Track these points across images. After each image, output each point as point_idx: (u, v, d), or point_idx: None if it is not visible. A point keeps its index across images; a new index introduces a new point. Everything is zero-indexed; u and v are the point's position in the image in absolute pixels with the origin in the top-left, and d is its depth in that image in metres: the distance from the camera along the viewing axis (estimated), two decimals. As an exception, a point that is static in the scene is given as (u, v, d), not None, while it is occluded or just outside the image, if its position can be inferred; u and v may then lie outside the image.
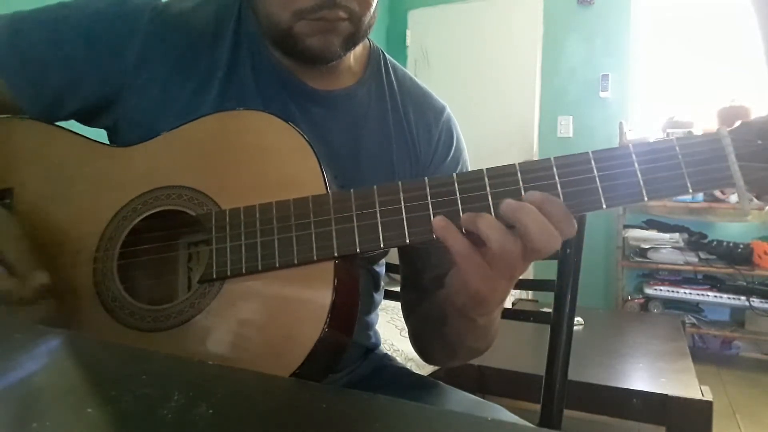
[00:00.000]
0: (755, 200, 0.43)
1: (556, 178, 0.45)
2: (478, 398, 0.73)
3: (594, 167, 0.44)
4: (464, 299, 0.50)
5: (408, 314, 0.74)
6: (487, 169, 0.46)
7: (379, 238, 0.47)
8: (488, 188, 0.45)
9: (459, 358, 0.66)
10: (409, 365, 1.67)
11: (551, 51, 3.26)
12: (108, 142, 0.66)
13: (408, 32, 3.61)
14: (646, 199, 0.43)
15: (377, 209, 0.47)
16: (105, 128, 0.66)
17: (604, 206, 0.44)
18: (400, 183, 0.48)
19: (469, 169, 0.75)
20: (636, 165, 0.44)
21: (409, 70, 0.76)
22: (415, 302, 0.71)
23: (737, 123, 0.44)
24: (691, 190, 0.43)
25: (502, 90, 3.36)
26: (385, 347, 0.82)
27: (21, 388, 0.32)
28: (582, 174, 0.44)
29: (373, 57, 0.72)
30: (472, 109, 3.16)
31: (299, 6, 0.56)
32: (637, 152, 0.44)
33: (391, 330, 1.81)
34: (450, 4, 3.48)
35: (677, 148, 0.44)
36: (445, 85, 3.25)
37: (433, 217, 0.46)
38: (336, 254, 0.47)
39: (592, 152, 0.45)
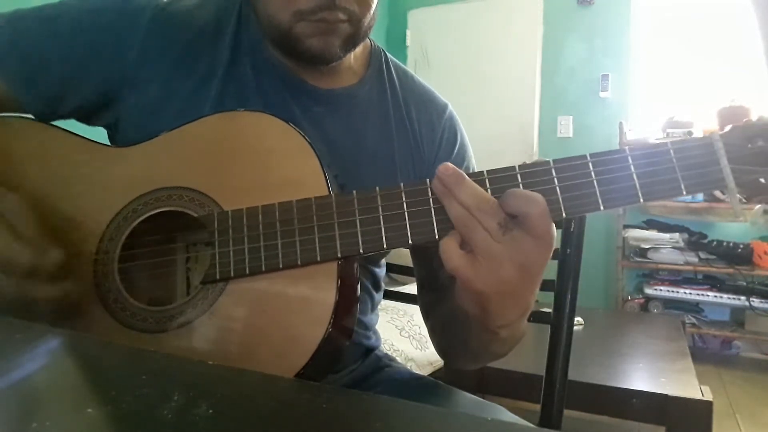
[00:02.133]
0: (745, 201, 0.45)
1: (555, 180, 0.45)
2: (479, 398, 0.73)
3: (592, 170, 0.45)
4: (473, 307, 0.47)
5: (428, 315, 0.72)
6: (487, 171, 0.47)
7: (382, 239, 0.47)
8: (489, 191, 0.46)
9: (482, 362, 0.65)
10: (409, 365, 1.67)
11: (551, 51, 3.26)
12: (108, 141, 0.66)
13: (408, 32, 3.61)
14: (642, 200, 0.45)
15: (380, 211, 0.47)
16: (105, 126, 0.66)
17: (602, 207, 0.45)
18: (402, 185, 0.48)
19: (475, 165, 0.75)
20: (632, 168, 0.45)
21: (409, 70, 0.76)
22: (434, 302, 0.70)
23: (728, 127, 0.46)
24: (685, 192, 0.45)
25: (502, 90, 3.36)
26: (385, 347, 0.82)
27: (21, 388, 0.32)
28: (580, 177, 0.45)
29: (374, 56, 0.72)
30: (472, 109, 3.15)
31: (299, 7, 0.56)
32: (633, 155, 0.45)
33: (391, 330, 1.81)
34: (450, 4, 3.48)
35: (672, 152, 0.45)
36: (445, 85, 3.22)
37: (435, 219, 0.46)
38: (339, 255, 0.47)
39: (590, 155, 0.46)
